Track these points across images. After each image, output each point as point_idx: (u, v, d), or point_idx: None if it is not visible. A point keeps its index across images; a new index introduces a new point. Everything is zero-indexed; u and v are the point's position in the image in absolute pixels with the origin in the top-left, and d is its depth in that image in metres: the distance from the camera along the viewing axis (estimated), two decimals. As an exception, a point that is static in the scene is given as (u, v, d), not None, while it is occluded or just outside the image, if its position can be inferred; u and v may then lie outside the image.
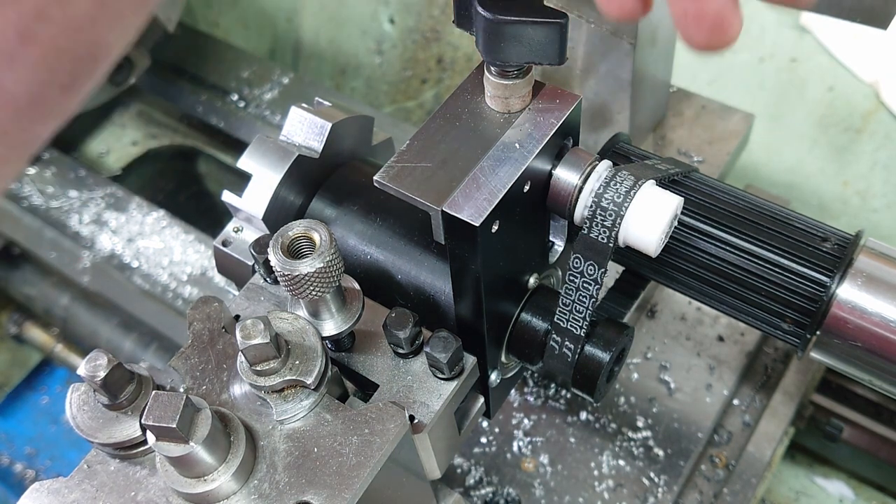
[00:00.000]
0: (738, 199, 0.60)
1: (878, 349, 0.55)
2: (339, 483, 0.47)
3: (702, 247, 0.59)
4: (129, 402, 0.48)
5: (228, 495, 0.47)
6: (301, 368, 0.48)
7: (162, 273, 1.09)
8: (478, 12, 0.45)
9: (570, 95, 0.53)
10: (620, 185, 0.52)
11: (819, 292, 0.55)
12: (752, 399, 0.90)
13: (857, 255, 0.55)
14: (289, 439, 0.49)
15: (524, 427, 0.87)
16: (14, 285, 1.26)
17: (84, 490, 0.48)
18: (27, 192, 1.20)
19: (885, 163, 1.26)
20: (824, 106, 1.33)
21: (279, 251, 0.48)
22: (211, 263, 1.08)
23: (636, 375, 0.90)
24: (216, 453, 0.45)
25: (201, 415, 0.44)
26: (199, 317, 0.55)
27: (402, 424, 0.49)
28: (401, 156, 0.50)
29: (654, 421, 0.86)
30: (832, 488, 1.05)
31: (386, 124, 1.18)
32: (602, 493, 0.82)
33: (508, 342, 0.61)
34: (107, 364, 0.46)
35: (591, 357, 0.58)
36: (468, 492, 0.84)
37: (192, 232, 1.13)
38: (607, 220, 0.52)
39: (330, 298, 0.51)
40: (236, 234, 0.63)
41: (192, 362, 0.53)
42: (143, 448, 0.49)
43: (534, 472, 0.84)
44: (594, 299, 0.55)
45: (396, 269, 0.58)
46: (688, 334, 0.92)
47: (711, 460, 0.86)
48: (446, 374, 0.53)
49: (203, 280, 1.08)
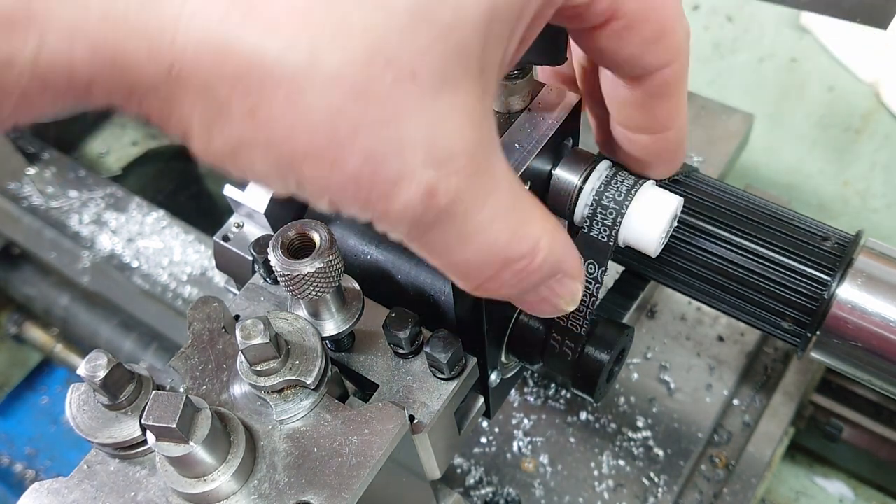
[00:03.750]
0: (739, 198, 0.60)
1: (878, 349, 0.55)
2: (339, 483, 0.47)
3: (702, 246, 0.59)
4: (129, 402, 0.48)
5: (228, 495, 0.47)
6: (301, 368, 0.48)
7: (162, 273, 1.09)
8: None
9: (570, 95, 0.53)
10: (621, 184, 0.52)
11: (819, 291, 0.55)
12: (752, 399, 0.90)
13: (858, 254, 0.55)
14: (289, 439, 0.49)
15: (524, 427, 0.87)
16: (14, 285, 1.26)
17: (84, 490, 0.48)
18: (27, 192, 1.20)
19: (885, 163, 1.26)
20: (824, 106, 1.33)
21: (279, 251, 0.48)
22: (211, 264, 1.08)
23: (636, 375, 0.90)
24: (216, 453, 0.45)
25: (201, 415, 0.44)
26: (199, 317, 0.55)
27: (402, 424, 0.49)
28: (401, 156, 0.50)
29: (654, 421, 0.86)
30: (832, 488, 1.05)
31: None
32: (602, 493, 0.82)
33: (508, 342, 0.61)
34: (106, 364, 0.46)
35: (592, 357, 0.58)
36: (468, 492, 0.84)
37: (192, 232, 1.13)
38: (608, 219, 0.52)
39: (330, 298, 0.51)
40: (237, 230, 0.63)
41: (192, 362, 0.53)
42: (143, 448, 0.49)
43: (534, 472, 0.84)
44: (595, 298, 0.55)
45: (396, 269, 0.58)
46: (688, 334, 0.92)
47: (711, 460, 0.86)
48: (446, 375, 0.53)
49: (203, 280, 1.08)
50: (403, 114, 0.30)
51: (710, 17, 1.48)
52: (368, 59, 0.28)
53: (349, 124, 0.29)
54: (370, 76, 0.29)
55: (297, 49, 0.28)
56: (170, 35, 0.28)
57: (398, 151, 0.30)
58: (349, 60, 0.28)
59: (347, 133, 0.29)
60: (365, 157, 0.30)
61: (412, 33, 0.29)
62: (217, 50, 0.28)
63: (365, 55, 0.28)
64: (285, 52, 0.28)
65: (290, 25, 0.28)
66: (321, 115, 0.29)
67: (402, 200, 0.32)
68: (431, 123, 0.30)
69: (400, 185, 0.31)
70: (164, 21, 0.28)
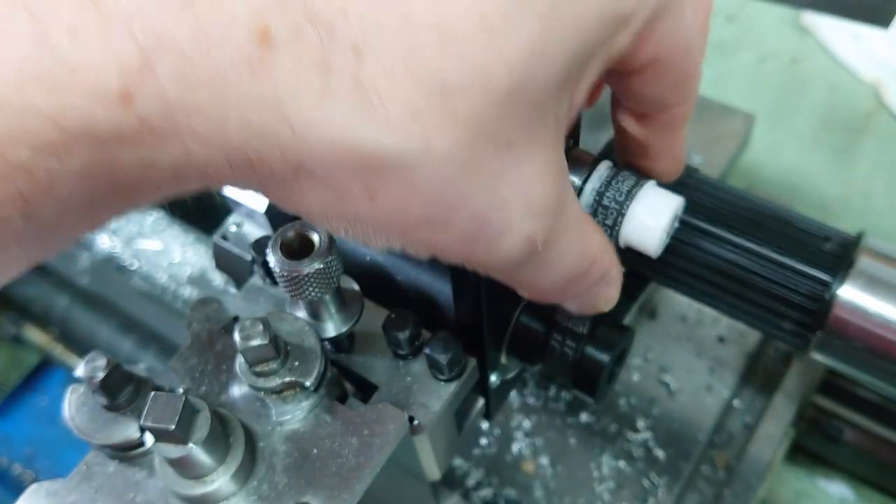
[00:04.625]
0: (740, 199, 0.60)
1: (880, 350, 0.54)
2: (339, 484, 0.47)
3: (703, 246, 0.59)
4: (128, 403, 0.48)
5: (227, 496, 0.46)
6: (300, 370, 0.48)
7: (161, 274, 1.09)
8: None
9: (571, 95, 0.53)
10: (622, 185, 0.52)
11: (820, 292, 0.55)
12: (752, 400, 0.90)
13: (859, 255, 0.55)
14: (288, 440, 0.49)
15: (524, 428, 0.87)
16: (13, 286, 1.25)
17: (83, 491, 0.48)
18: (26, 193, 1.20)
19: (886, 163, 1.26)
20: (825, 106, 1.33)
21: (278, 252, 0.48)
22: (211, 264, 1.08)
23: (636, 376, 0.90)
24: (215, 454, 0.45)
25: (200, 416, 0.44)
26: (199, 318, 0.55)
27: (402, 426, 0.49)
28: (401, 156, 0.50)
29: (655, 422, 0.86)
30: (833, 489, 1.05)
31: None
32: (602, 495, 0.82)
33: (508, 343, 0.61)
34: (105, 365, 0.46)
35: (592, 358, 0.58)
36: (468, 493, 0.84)
37: (191, 233, 1.12)
38: (608, 219, 0.51)
39: (329, 299, 0.51)
40: (237, 229, 0.63)
41: (191, 363, 0.53)
42: (142, 449, 0.49)
43: (534, 474, 0.84)
44: (595, 300, 0.55)
45: (396, 270, 0.58)
46: (688, 335, 0.92)
47: (712, 462, 0.86)
48: (446, 376, 0.53)
49: (202, 281, 1.08)
50: (503, 177, 0.34)
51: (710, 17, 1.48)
52: (472, 139, 0.32)
53: (458, 193, 0.33)
54: (473, 152, 0.32)
55: (412, 140, 0.31)
56: (302, 140, 0.31)
57: (500, 209, 0.35)
58: (457, 143, 0.32)
59: (456, 200, 0.34)
60: (471, 218, 0.34)
61: (509, 109, 0.32)
62: (341, 148, 0.31)
63: (469, 136, 0.32)
64: (401, 144, 0.31)
65: (405, 122, 0.31)
66: (434, 190, 0.33)
67: (504, 250, 0.37)
68: (527, 181, 0.35)
69: (501, 237, 0.36)
70: (297, 128, 0.31)
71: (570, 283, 0.43)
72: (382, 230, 0.35)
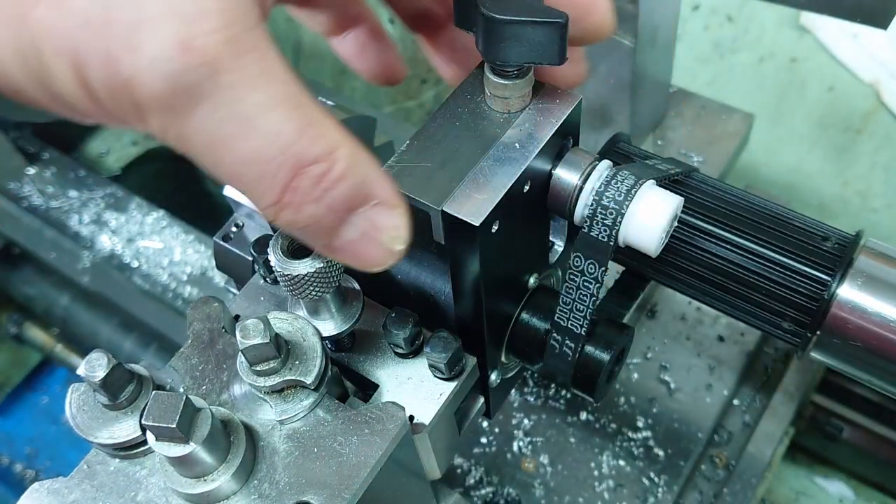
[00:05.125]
0: (739, 198, 0.60)
1: (878, 349, 0.55)
2: (339, 483, 0.47)
3: (702, 246, 0.59)
4: (129, 402, 0.48)
5: (228, 495, 0.47)
6: (301, 368, 0.48)
7: (162, 273, 1.09)
8: (479, 11, 0.45)
9: (570, 95, 0.53)
10: (621, 184, 0.52)
11: (819, 291, 0.55)
12: (752, 399, 0.90)
13: (858, 255, 0.55)
14: (289, 439, 0.49)
15: (524, 427, 0.87)
16: (14, 285, 1.26)
17: (84, 490, 0.48)
18: (27, 192, 1.20)
19: (885, 163, 1.26)
20: (824, 106, 1.33)
21: (279, 251, 0.48)
22: (211, 264, 1.08)
23: (636, 375, 0.90)
24: (216, 453, 0.45)
25: (201, 415, 0.44)
26: (199, 317, 0.55)
27: (402, 425, 0.49)
28: (400, 156, 0.50)
29: (655, 421, 0.86)
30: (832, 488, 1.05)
31: (386, 124, 1.18)
32: (602, 493, 0.82)
33: (508, 342, 0.61)
34: (106, 364, 0.46)
35: (592, 356, 0.58)
36: (468, 492, 0.84)
37: (192, 232, 1.13)
38: (608, 219, 0.52)
39: (330, 298, 0.51)
40: (237, 230, 0.63)
41: (192, 362, 0.53)
42: (143, 448, 0.49)
43: (534, 472, 0.84)
44: (595, 298, 0.55)
45: (396, 269, 0.58)
46: (688, 334, 0.92)
47: (712, 460, 0.86)
48: (446, 375, 0.53)
49: (203, 280, 1.08)
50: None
51: (710, 17, 1.48)
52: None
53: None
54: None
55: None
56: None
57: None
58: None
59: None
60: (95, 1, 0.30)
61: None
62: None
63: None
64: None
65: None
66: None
67: (150, 51, 0.30)
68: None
69: (140, 31, 0.30)
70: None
71: (298, 171, 0.34)
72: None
